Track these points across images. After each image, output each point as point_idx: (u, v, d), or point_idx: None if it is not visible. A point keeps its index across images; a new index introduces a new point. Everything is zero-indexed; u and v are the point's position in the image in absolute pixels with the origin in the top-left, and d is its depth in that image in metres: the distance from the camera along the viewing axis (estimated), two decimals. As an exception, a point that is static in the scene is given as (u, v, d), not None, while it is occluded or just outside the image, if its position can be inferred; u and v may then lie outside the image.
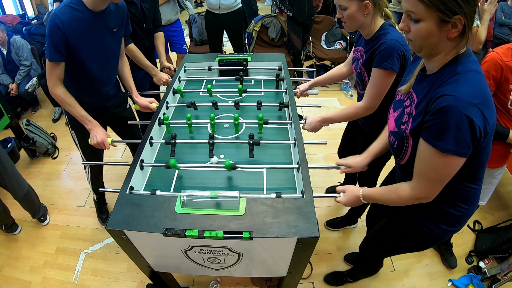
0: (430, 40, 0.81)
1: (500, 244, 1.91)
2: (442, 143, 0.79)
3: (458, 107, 0.75)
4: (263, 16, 3.92)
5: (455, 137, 0.78)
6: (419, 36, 0.82)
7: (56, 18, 1.26)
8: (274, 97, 1.88)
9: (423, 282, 1.87)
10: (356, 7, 1.26)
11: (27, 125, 2.87)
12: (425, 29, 0.80)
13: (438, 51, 0.84)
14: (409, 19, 0.83)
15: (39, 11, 5.21)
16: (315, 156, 2.78)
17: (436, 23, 0.78)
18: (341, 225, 2.15)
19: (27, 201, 2.13)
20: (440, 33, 0.79)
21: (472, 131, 0.77)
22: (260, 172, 1.35)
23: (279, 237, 0.97)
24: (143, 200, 1.10)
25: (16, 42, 3.24)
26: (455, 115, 0.76)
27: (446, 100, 0.77)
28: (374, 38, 1.32)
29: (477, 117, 0.76)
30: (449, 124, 0.77)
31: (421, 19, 0.79)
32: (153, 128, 1.48)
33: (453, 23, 0.77)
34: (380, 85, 1.33)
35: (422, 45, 0.84)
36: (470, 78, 0.80)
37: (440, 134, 0.79)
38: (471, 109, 0.75)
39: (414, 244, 1.22)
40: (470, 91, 0.77)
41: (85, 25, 1.33)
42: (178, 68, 2.09)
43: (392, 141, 1.04)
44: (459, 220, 1.05)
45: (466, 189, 0.97)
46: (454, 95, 0.77)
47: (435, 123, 0.80)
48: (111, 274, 1.93)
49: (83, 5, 1.32)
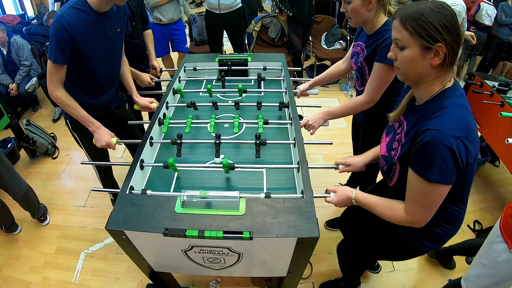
0: (415, 67, 0.87)
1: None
2: (429, 174, 0.85)
3: (442, 140, 0.81)
4: (263, 16, 3.92)
5: (440, 168, 0.83)
6: (405, 63, 0.88)
7: (63, 19, 1.25)
8: (275, 97, 1.88)
9: (423, 282, 1.87)
10: (360, 2, 1.27)
11: (27, 125, 2.87)
12: (410, 55, 0.86)
13: (423, 79, 0.89)
14: (396, 47, 0.90)
15: (39, 11, 5.21)
16: (315, 156, 2.78)
17: (419, 50, 0.84)
18: None
19: (26, 201, 2.13)
20: (424, 60, 0.85)
21: (455, 161, 0.83)
22: (260, 172, 1.35)
23: (279, 237, 0.97)
24: (143, 200, 1.10)
25: (16, 42, 3.24)
26: (439, 148, 0.81)
27: (430, 134, 0.83)
28: (377, 34, 1.33)
29: (460, 149, 0.82)
30: (434, 157, 0.83)
31: (406, 46, 0.86)
32: (153, 128, 1.48)
33: (435, 50, 0.83)
34: (382, 79, 1.34)
35: (407, 72, 0.90)
36: (455, 112, 0.85)
37: (427, 166, 0.85)
38: (454, 142, 0.81)
39: (394, 253, 1.27)
40: (454, 125, 0.82)
41: (91, 26, 1.33)
42: (178, 68, 2.09)
43: (382, 164, 1.10)
44: (441, 238, 1.10)
45: (451, 211, 1.02)
46: (438, 129, 0.82)
47: (421, 156, 0.86)
48: (111, 274, 1.93)
49: (89, 6, 1.31)
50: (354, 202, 1.11)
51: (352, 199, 1.11)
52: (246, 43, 3.82)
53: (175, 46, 3.32)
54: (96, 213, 2.34)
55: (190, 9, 6.92)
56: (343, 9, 1.35)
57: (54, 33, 1.26)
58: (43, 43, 3.91)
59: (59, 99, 1.39)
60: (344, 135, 2.90)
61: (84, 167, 2.73)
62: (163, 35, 3.15)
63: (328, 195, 1.16)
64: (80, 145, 1.74)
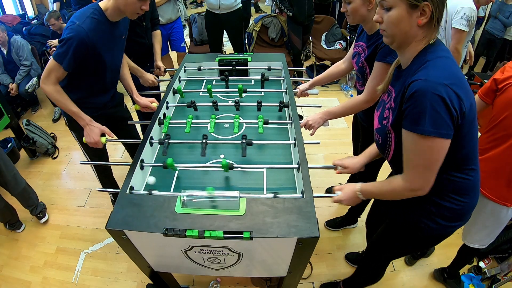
0: (401, 27, 0.86)
1: (500, 244, 1.91)
2: (420, 127, 0.80)
3: (429, 88, 0.78)
4: (263, 16, 3.92)
5: (432, 118, 0.79)
6: (391, 23, 0.87)
7: (83, 32, 1.30)
8: (275, 97, 1.88)
9: (423, 282, 1.87)
10: (360, 2, 1.28)
11: (27, 125, 2.87)
12: (396, 15, 0.85)
13: (409, 39, 0.88)
14: (383, 9, 0.89)
15: (39, 11, 5.21)
16: (315, 156, 2.78)
17: (405, 9, 0.84)
18: (341, 225, 2.15)
19: (24, 196, 2.14)
20: (410, 19, 0.85)
21: (447, 109, 0.78)
22: (260, 172, 1.35)
23: (279, 237, 0.97)
24: (143, 200, 1.10)
25: (17, 42, 3.24)
26: (427, 96, 0.78)
27: (416, 85, 0.80)
28: (377, 33, 1.33)
29: (451, 96, 0.78)
30: (423, 107, 0.79)
31: (392, 5, 0.85)
32: (153, 128, 1.48)
33: (421, 9, 0.83)
34: (382, 78, 1.33)
35: (394, 33, 0.88)
36: (439, 62, 0.83)
37: (417, 118, 0.81)
38: (442, 89, 0.78)
39: (415, 243, 1.19)
40: (440, 74, 0.80)
41: (105, 34, 1.41)
42: (178, 68, 2.09)
43: (377, 138, 1.06)
44: (457, 214, 1.02)
45: (456, 179, 0.95)
46: (423, 79, 0.80)
47: (410, 110, 0.82)
48: (111, 274, 1.93)
49: (105, 16, 1.39)
50: (360, 195, 1.09)
51: (358, 192, 1.09)
52: (246, 43, 3.82)
53: (172, 46, 3.35)
54: (96, 213, 2.34)
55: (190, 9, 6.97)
56: (343, 9, 1.35)
57: (74, 45, 1.30)
58: (43, 43, 3.91)
59: (51, 93, 1.41)
60: (344, 135, 2.90)
61: (84, 167, 2.73)
62: (162, 35, 3.16)
63: (334, 195, 1.15)
64: (79, 144, 1.75)
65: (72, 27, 1.31)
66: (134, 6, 1.36)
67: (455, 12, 2.01)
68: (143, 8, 1.39)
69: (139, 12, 1.39)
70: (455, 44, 2.05)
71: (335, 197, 1.14)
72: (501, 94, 1.25)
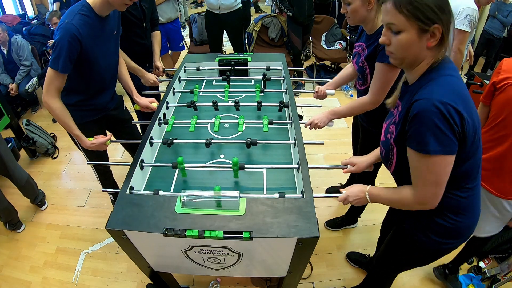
0: (411, 50, 0.85)
1: (500, 244, 1.91)
2: (427, 147, 0.81)
3: (431, 107, 0.79)
4: (263, 16, 3.92)
5: (436, 137, 0.80)
6: (401, 47, 0.86)
7: (74, 29, 1.26)
8: (275, 97, 1.88)
9: (423, 282, 1.87)
10: (360, 3, 1.28)
11: (27, 125, 2.87)
12: (406, 39, 0.84)
13: (418, 61, 0.88)
14: (390, 32, 0.87)
15: (39, 11, 5.21)
16: (315, 156, 2.78)
17: (416, 32, 0.82)
18: (341, 225, 2.15)
19: (27, 188, 2.23)
20: (420, 42, 0.84)
21: (449, 125, 0.79)
22: (260, 172, 1.35)
23: (279, 237, 0.97)
24: (143, 200, 1.10)
25: (17, 42, 3.24)
26: (429, 115, 0.79)
27: (418, 105, 0.81)
28: (377, 33, 1.33)
29: (451, 113, 0.79)
30: (427, 126, 0.80)
31: (402, 30, 0.83)
32: (153, 128, 1.48)
33: (431, 32, 0.82)
34: (384, 79, 1.34)
35: (403, 56, 0.87)
36: (442, 81, 0.84)
37: (422, 138, 0.81)
38: (443, 107, 0.78)
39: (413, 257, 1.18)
40: (442, 91, 0.80)
41: (96, 30, 1.37)
42: (178, 68, 2.09)
43: (381, 150, 1.07)
44: (450, 232, 1.02)
45: (453, 197, 0.95)
46: (425, 98, 0.81)
47: (415, 130, 0.83)
48: (111, 274, 1.93)
49: (93, 12, 1.35)
50: (367, 197, 1.07)
51: (366, 193, 1.07)
52: (246, 43, 3.82)
53: (171, 44, 3.37)
54: (96, 213, 2.34)
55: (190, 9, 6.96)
56: (343, 10, 1.35)
57: (66, 44, 1.26)
58: (43, 43, 3.91)
59: (54, 111, 1.37)
60: (344, 135, 2.90)
61: (84, 167, 2.73)
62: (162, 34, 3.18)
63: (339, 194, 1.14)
64: (78, 147, 1.74)
65: (62, 26, 1.27)
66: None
67: (457, 13, 2.00)
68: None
69: (127, 3, 1.34)
70: (457, 44, 2.05)
71: (342, 195, 1.12)
72: (500, 94, 1.27)
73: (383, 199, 1.04)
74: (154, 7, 2.15)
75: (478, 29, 4.16)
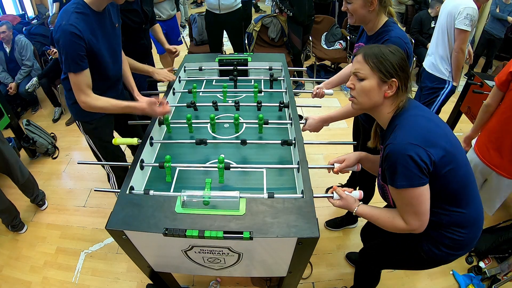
0: (371, 96, 1.00)
1: (500, 244, 1.91)
2: (396, 182, 0.94)
3: (397, 149, 0.92)
4: (263, 16, 3.92)
5: (404, 174, 0.91)
6: (362, 92, 1.01)
7: (72, 28, 1.24)
8: (274, 97, 1.88)
9: (423, 282, 1.87)
10: (361, 2, 1.28)
11: (27, 125, 2.87)
12: (368, 86, 0.99)
13: (376, 107, 1.03)
14: (356, 78, 1.02)
15: (39, 11, 5.21)
16: (315, 156, 2.78)
17: (377, 82, 0.98)
18: (341, 225, 2.15)
19: (28, 186, 2.23)
20: (379, 91, 0.99)
21: (415, 163, 0.90)
22: (260, 172, 1.35)
23: (279, 237, 0.97)
24: (143, 200, 1.10)
25: (21, 42, 3.24)
26: (395, 157, 0.92)
27: (388, 148, 0.94)
28: (377, 34, 1.33)
29: (418, 152, 0.89)
30: (395, 166, 0.92)
31: (365, 77, 0.99)
32: (153, 128, 1.48)
33: (389, 84, 0.97)
34: None
35: (363, 101, 1.02)
36: (406, 124, 0.96)
37: (393, 175, 0.94)
38: (408, 148, 0.90)
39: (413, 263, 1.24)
40: (406, 135, 0.93)
41: (94, 25, 1.34)
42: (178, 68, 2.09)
43: (379, 189, 1.17)
44: (459, 244, 1.08)
45: (455, 214, 1.03)
46: (392, 143, 0.94)
47: (387, 168, 0.97)
48: (111, 274, 1.93)
49: (89, 7, 1.32)
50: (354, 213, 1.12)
51: (354, 212, 1.12)
52: (246, 43, 3.82)
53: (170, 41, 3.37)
54: (96, 213, 2.34)
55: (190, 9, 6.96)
56: (344, 8, 1.35)
57: (68, 44, 1.24)
58: (43, 43, 3.92)
59: (96, 108, 1.37)
60: (344, 135, 2.91)
61: (84, 167, 2.73)
62: None
63: (331, 195, 1.15)
64: (93, 149, 1.73)
65: (60, 28, 1.24)
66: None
67: (457, 13, 2.00)
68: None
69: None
70: (460, 44, 2.05)
71: (336, 202, 1.15)
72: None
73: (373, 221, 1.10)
74: (152, 6, 2.17)
75: (478, 29, 4.15)
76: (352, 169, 1.28)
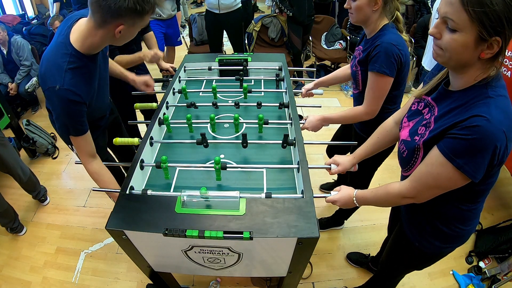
0: (462, 55, 0.76)
1: (500, 244, 1.91)
2: (460, 160, 0.77)
3: (491, 132, 0.73)
4: (263, 16, 3.92)
5: (476, 161, 0.76)
6: (452, 48, 0.75)
7: (70, 94, 1.09)
8: (274, 97, 1.88)
9: (423, 282, 1.87)
10: (366, 0, 1.24)
11: (27, 125, 2.87)
12: (461, 41, 0.73)
13: (465, 68, 0.79)
14: (444, 25, 0.75)
15: (39, 11, 5.21)
16: (315, 156, 2.78)
17: (474, 38, 0.72)
18: (327, 226, 2.15)
19: (30, 184, 2.26)
20: (475, 50, 0.74)
21: (492, 158, 0.76)
22: (260, 172, 1.35)
23: (279, 237, 0.97)
24: (143, 200, 1.10)
25: (17, 42, 3.24)
26: (485, 139, 0.74)
27: (479, 121, 0.74)
28: (373, 38, 1.31)
29: (502, 147, 0.75)
30: (475, 146, 0.75)
31: (459, 29, 0.72)
32: (153, 128, 1.48)
33: (489, 43, 0.72)
34: (377, 89, 1.31)
35: (450, 57, 0.78)
36: (500, 103, 0.76)
37: (462, 152, 0.76)
38: (500, 137, 0.74)
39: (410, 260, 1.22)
40: (501, 117, 0.74)
41: (90, 73, 1.21)
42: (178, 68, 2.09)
43: (402, 149, 0.99)
44: (453, 238, 1.05)
45: (465, 209, 0.97)
46: (487, 118, 0.73)
47: (461, 139, 0.76)
48: (111, 274, 1.93)
49: (82, 55, 1.13)
50: (355, 201, 1.09)
51: (353, 198, 1.09)
52: (246, 43, 3.82)
53: (169, 41, 3.39)
54: (96, 213, 2.34)
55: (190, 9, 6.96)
56: (347, 5, 1.31)
57: (67, 111, 1.13)
58: (43, 43, 3.92)
59: (94, 174, 1.28)
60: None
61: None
62: (161, 31, 3.20)
63: (328, 195, 1.15)
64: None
65: (54, 93, 1.09)
66: (131, 37, 1.13)
67: None
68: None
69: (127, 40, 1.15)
70: None
71: (330, 197, 1.14)
72: None
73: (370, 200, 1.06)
74: None
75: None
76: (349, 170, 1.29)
